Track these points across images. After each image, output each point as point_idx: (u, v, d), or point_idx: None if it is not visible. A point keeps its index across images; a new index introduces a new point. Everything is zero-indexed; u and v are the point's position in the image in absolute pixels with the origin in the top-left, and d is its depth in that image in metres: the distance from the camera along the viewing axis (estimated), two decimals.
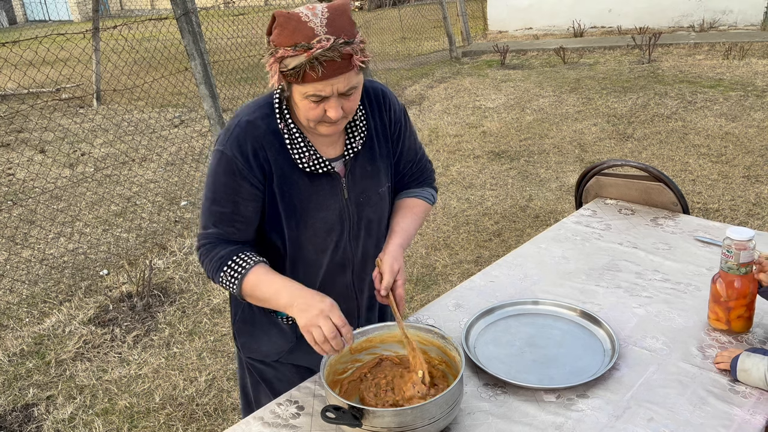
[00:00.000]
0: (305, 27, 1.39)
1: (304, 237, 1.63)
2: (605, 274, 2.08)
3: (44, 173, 6.27)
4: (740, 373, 1.54)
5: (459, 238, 4.49)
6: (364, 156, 1.66)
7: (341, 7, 1.45)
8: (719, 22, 10.56)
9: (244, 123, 1.56)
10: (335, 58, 1.39)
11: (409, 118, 1.79)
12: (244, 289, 1.55)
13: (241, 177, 1.54)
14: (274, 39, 1.43)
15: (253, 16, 11.16)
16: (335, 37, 1.39)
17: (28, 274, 4.50)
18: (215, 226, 1.59)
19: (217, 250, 1.58)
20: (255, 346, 1.81)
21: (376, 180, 1.69)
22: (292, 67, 1.40)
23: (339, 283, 1.74)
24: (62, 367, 3.44)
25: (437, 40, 11.79)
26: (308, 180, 1.59)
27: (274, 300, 1.52)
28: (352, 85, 1.46)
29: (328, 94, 1.43)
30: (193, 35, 4.39)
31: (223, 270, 1.56)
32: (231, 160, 1.54)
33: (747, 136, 5.88)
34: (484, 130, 6.76)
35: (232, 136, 1.54)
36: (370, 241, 1.75)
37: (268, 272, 1.55)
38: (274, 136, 1.56)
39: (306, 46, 1.38)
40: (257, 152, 1.54)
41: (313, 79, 1.40)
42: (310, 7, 1.44)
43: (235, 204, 1.57)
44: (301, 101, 1.46)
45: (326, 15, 1.41)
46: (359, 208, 1.67)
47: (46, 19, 25.02)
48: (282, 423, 1.54)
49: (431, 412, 1.39)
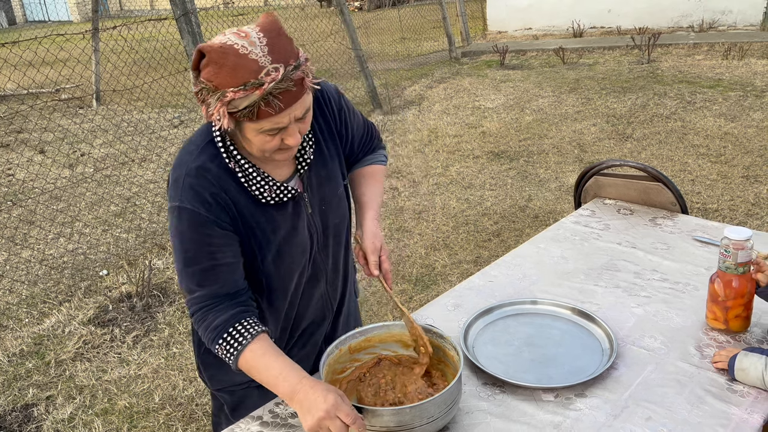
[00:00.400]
0: (247, 61, 1.27)
1: (281, 266, 1.57)
2: (604, 274, 2.09)
3: (44, 174, 6.27)
4: (738, 373, 1.54)
5: (458, 238, 4.49)
6: (316, 163, 1.59)
7: (274, 27, 1.33)
8: (718, 22, 10.56)
9: (193, 170, 1.43)
10: (289, 87, 1.30)
11: (344, 96, 1.69)
12: (240, 366, 1.45)
13: (209, 227, 1.43)
14: (211, 79, 1.30)
15: (253, 16, 11.16)
16: (283, 64, 1.29)
17: (28, 274, 4.50)
18: (200, 287, 1.47)
19: (210, 318, 1.47)
20: (225, 377, 1.71)
21: (333, 183, 1.63)
22: (244, 107, 1.29)
23: (314, 296, 1.70)
24: (62, 367, 3.45)
25: (437, 41, 11.79)
26: (274, 211, 1.52)
27: (272, 387, 1.42)
28: (307, 108, 1.39)
29: (286, 124, 1.35)
30: (192, 36, 4.39)
31: (218, 342, 1.46)
32: (192, 213, 1.42)
33: (746, 136, 5.88)
34: (484, 131, 6.76)
35: (185, 187, 1.42)
36: (339, 248, 1.71)
37: (265, 351, 1.43)
38: (228, 175, 1.46)
39: (256, 83, 1.27)
40: (216, 197, 1.43)
41: (270, 114, 1.31)
42: (241, 35, 1.30)
43: (212, 256, 1.45)
44: (256, 136, 1.37)
45: (264, 41, 1.29)
46: (323, 217, 1.62)
47: (45, 19, 25.02)
48: (281, 423, 1.55)
49: (430, 412, 1.39)
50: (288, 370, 1.40)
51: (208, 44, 1.30)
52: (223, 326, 1.45)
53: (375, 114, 7.66)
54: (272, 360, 1.42)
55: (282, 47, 1.31)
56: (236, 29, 1.32)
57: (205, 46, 1.30)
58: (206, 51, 1.29)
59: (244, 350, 1.43)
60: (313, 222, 1.60)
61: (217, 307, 1.47)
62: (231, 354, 1.44)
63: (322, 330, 1.78)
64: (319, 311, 1.74)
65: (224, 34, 1.33)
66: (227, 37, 1.30)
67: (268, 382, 1.42)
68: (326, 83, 1.64)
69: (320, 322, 1.76)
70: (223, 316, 1.46)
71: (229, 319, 1.45)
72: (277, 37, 1.31)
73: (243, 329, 1.45)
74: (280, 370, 1.41)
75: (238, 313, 1.47)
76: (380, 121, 7.32)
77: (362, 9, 18.44)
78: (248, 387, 1.69)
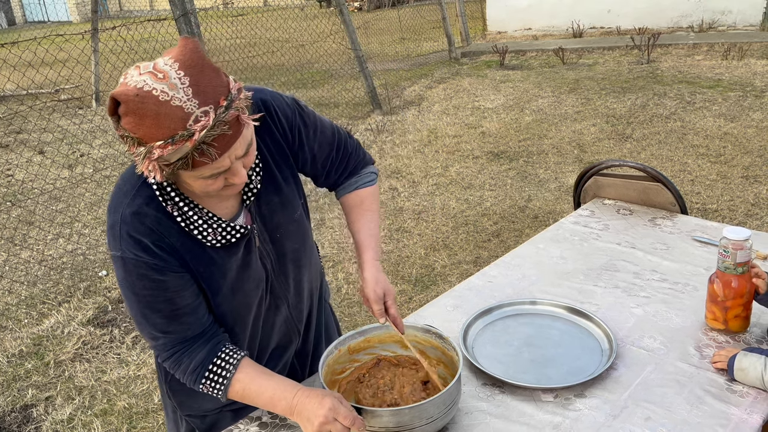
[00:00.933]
0: (171, 109, 1.11)
1: (235, 302, 1.47)
2: (603, 274, 2.09)
3: (43, 174, 6.27)
4: (737, 373, 1.54)
5: (458, 238, 4.49)
6: (267, 190, 1.44)
7: (195, 59, 1.15)
8: (718, 22, 10.57)
9: (128, 216, 1.30)
10: (224, 132, 1.16)
11: (305, 109, 1.53)
12: (231, 397, 1.41)
13: (158, 272, 1.32)
14: (133, 131, 1.14)
15: (252, 16, 11.17)
16: (212, 106, 1.14)
17: (27, 275, 4.50)
18: (164, 334, 1.37)
19: (186, 362, 1.39)
20: (195, 404, 1.62)
21: (288, 209, 1.49)
22: (177, 159, 1.15)
23: (277, 323, 1.60)
24: (61, 368, 3.44)
25: (436, 41, 11.79)
26: (223, 252, 1.39)
27: (270, 408, 1.40)
28: (249, 143, 1.24)
29: (228, 166, 1.21)
30: (191, 36, 4.39)
31: (201, 383, 1.40)
32: (138, 262, 1.30)
33: (746, 136, 5.88)
34: (483, 131, 6.76)
35: (123, 236, 1.30)
36: (301, 271, 1.59)
37: (252, 377, 1.39)
38: (168, 219, 1.32)
39: (185, 135, 1.12)
40: (159, 242, 1.31)
41: (206, 162, 1.17)
42: (158, 76, 1.12)
43: (170, 302, 1.35)
44: (196, 181, 1.24)
45: (187, 81, 1.12)
46: (278, 245, 1.49)
47: (45, 20, 25.02)
48: (280, 423, 1.55)
49: (429, 412, 1.39)
50: (281, 389, 1.38)
51: (122, 90, 1.13)
52: (201, 366, 1.39)
53: (375, 114, 7.66)
54: (263, 383, 1.39)
55: (208, 85, 1.15)
56: (152, 67, 1.14)
57: (119, 93, 1.13)
58: (121, 99, 1.13)
59: (230, 384, 1.39)
60: (266, 252, 1.48)
61: (190, 349, 1.39)
62: (218, 390, 1.40)
63: (292, 348, 1.69)
64: (285, 335, 1.64)
65: (139, 71, 1.14)
66: (143, 79, 1.12)
67: (266, 406, 1.40)
68: (281, 98, 1.48)
69: (287, 345, 1.67)
70: (198, 356, 1.39)
71: (206, 357, 1.39)
72: (200, 73, 1.14)
73: (223, 362, 1.39)
74: (273, 390, 1.38)
75: (212, 348, 1.40)
76: (380, 122, 7.32)
77: (362, 9, 18.45)
78: (221, 411, 1.64)
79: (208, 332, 1.42)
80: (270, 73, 9.72)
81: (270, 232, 1.47)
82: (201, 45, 1.19)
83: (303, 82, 9.60)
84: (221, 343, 1.42)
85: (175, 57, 1.15)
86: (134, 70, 1.16)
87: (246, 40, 9.79)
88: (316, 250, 1.75)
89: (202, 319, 1.41)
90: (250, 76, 9.31)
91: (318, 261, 1.74)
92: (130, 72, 1.16)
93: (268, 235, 1.47)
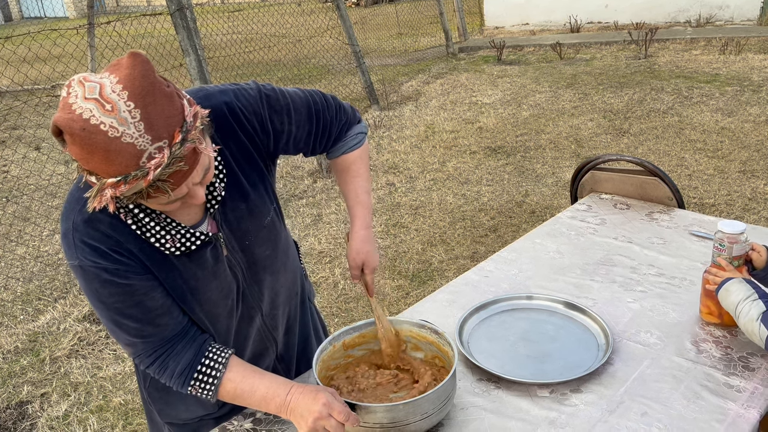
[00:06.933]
0: (122, 146, 1.03)
1: (201, 313, 1.41)
2: (600, 269, 2.08)
3: (39, 170, 6.24)
4: (722, 292, 1.57)
5: (455, 233, 4.48)
6: (232, 197, 1.37)
7: (145, 85, 1.05)
8: (716, 17, 10.55)
9: (80, 224, 1.23)
10: (180, 167, 1.09)
11: (272, 95, 1.42)
12: (222, 398, 1.39)
13: (120, 276, 1.26)
14: (82, 162, 1.07)
15: (249, 12, 11.13)
16: (166, 140, 1.07)
17: (23, 271, 4.48)
18: (142, 339, 1.32)
19: (171, 365, 1.35)
20: (173, 413, 1.59)
21: (256, 215, 1.42)
22: (131, 194, 1.10)
23: (251, 334, 1.55)
24: (57, 364, 3.43)
25: (434, 36, 11.76)
26: (186, 259, 1.33)
27: (263, 407, 1.38)
28: (207, 167, 1.18)
29: (185, 193, 1.16)
30: (187, 31, 4.37)
31: (190, 384, 1.36)
32: (98, 269, 1.24)
33: (743, 131, 5.87)
34: (481, 126, 6.75)
35: (77, 244, 1.23)
36: (276, 277, 1.53)
37: (244, 376, 1.36)
38: (123, 225, 1.26)
39: (139, 175, 1.06)
40: (116, 247, 1.25)
41: (163, 194, 1.12)
42: (106, 108, 1.02)
43: (139, 305, 1.29)
44: (152, 204, 1.20)
45: (138, 114, 1.04)
46: (247, 253, 1.43)
47: (41, 16, 24.93)
48: (273, 419, 1.54)
49: (424, 408, 1.38)
50: (274, 387, 1.36)
51: (67, 119, 1.03)
52: (189, 367, 1.35)
53: (372, 110, 7.64)
54: (255, 382, 1.36)
55: (160, 116, 1.06)
56: (98, 93, 1.03)
57: (63, 122, 1.03)
58: (65, 130, 1.03)
59: (221, 384, 1.36)
60: (236, 261, 1.42)
61: (174, 351, 1.35)
62: (208, 392, 1.37)
63: (269, 356, 1.64)
64: (260, 344, 1.59)
65: (84, 90, 1.04)
66: (89, 108, 1.02)
67: (258, 404, 1.38)
68: (245, 92, 1.39)
69: (262, 353, 1.62)
70: (185, 357, 1.35)
71: (194, 358, 1.36)
72: (152, 104, 1.05)
73: (212, 362, 1.36)
74: (267, 388, 1.36)
75: (198, 348, 1.37)
76: (377, 117, 7.30)
77: (359, 5, 18.40)
78: (201, 420, 1.60)
79: (190, 332, 1.38)
80: (267, 69, 9.69)
81: (239, 239, 1.41)
82: (150, 64, 1.07)
83: (300, 77, 9.57)
84: (207, 342, 1.39)
85: (123, 83, 1.04)
86: (78, 86, 1.05)
87: (243, 36, 9.75)
88: (296, 251, 1.71)
89: (177, 318, 1.36)
90: (246, 71, 9.28)
91: (297, 263, 1.71)
92: (74, 88, 1.05)
93: (236, 242, 1.41)
